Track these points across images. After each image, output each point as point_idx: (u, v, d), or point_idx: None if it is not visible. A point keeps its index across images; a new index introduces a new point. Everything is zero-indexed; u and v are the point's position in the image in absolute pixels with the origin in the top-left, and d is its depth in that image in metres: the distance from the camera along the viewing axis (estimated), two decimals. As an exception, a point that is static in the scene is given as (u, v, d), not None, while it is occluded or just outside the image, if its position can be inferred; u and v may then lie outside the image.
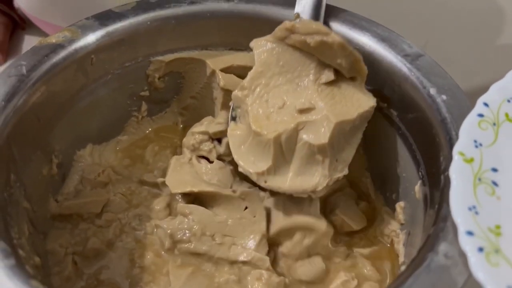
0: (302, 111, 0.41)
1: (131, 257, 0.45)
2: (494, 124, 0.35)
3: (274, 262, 0.45)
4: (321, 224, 0.44)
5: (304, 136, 0.40)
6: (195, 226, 0.45)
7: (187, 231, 0.45)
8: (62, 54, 0.44)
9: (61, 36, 0.44)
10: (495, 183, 0.34)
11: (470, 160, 0.34)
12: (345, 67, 0.41)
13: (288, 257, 0.45)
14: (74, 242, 0.45)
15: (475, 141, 0.35)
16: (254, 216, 0.46)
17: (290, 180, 0.41)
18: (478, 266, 0.29)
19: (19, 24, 0.70)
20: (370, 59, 0.43)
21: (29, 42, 0.69)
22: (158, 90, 0.52)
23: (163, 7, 0.48)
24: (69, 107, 0.46)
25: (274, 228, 0.45)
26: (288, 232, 0.45)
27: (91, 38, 0.45)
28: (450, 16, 0.73)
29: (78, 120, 0.47)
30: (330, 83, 0.41)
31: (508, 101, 0.37)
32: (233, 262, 0.44)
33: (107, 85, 0.48)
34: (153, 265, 0.45)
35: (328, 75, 0.41)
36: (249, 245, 0.45)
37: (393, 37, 0.44)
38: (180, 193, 0.47)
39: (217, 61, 0.50)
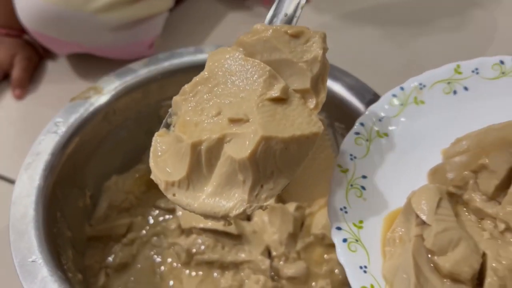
0: (233, 121, 0.37)
1: (152, 268, 0.56)
2: (367, 140, 0.45)
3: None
4: None
5: (228, 149, 0.36)
6: (208, 240, 0.55)
7: (202, 245, 0.55)
8: (90, 109, 0.54)
9: (87, 93, 0.54)
10: (363, 187, 0.43)
11: (345, 171, 0.43)
12: (305, 87, 0.39)
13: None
14: (106, 258, 0.56)
15: (351, 155, 0.44)
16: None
17: (203, 199, 0.37)
18: (341, 253, 0.39)
19: (44, 56, 0.79)
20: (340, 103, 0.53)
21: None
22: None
23: (170, 60, 0.58)
24: (97, 149, 0.56)
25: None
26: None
27: (112, 92, 0.55)
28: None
29: (105, 158, 0.58)
30: (276, 102, 0.38)
31: (380, 120, 0.46)
32: (239, 264, 0.55)
33: (127, 128, 0.58)
34: (171, 274, 0.56)
35: (274, 91, 0.38)
36: (254, 251, 0.55)
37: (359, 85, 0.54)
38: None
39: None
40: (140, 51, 0.75)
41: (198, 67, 0.57)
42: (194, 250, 0.55)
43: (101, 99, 0.55)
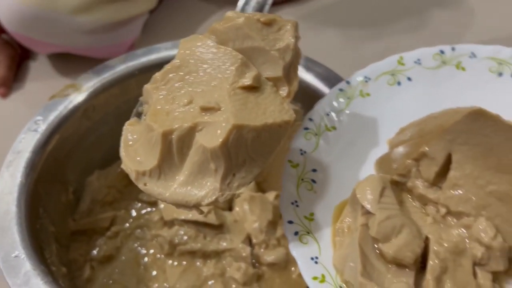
0: (205, 110, 0.37)
1: (136, 260, 0.58)
2: (316, 134, 0.46)
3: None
4: None
5: (200, 138, 0.36)
6: (190, 231, 0.57)
7: (184, 236, 0.57)
8: (70, 106, 0.55)
9: (66, 91, 0.56)
10: (313, 181, 0.44)
11: (295, 165, 0.44)
12: (277, 75, 0.39)
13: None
14: (90, 251, 0.58)
15: (301, 150, 0.46)
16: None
17: (175, 188, 0.37)
18: (293, 246, 0.39)
19: (26, 55, 0.79)
20: (313, 94, 0.55)
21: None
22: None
23: (147, 56, 0.59)
24: (78, 146, 0.57)
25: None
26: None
27: (90, 89, 0.57)
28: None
29: (86, 154, 0.59)
30: (248, 90, 0.38)
31: (327, 114, 0.47)
32: (220, 253, 0.57)
33: (107, 124, 0.60)
34: (154, 265, 0.58)
35: (246, 79, 0.38)
36: (235, 239, 0.57)
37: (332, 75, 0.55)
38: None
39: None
40: (120, 52, 0.75)
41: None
42: (176, 241, 0.57)
43: (79, 97, 0.56)
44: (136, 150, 0.38)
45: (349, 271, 0.38)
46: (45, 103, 0.55)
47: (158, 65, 0.58)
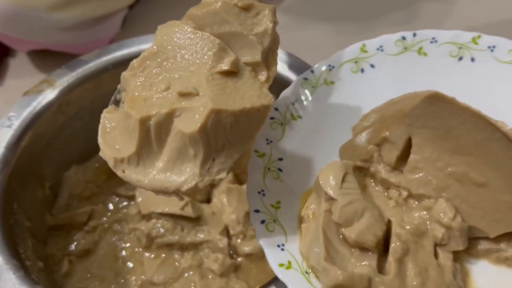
0: (183, 95, 0.37)
1: (114, 253, 0.58)
2: (282, 123, 0.47)
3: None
4: None
5: (178, 124, 0.36)
6: (167, 224, 0.57)
7: (161, 228, 0.58)
8: (43, 102, 0.55)
9: (40, 87, 0.56)
10: (280, 169, 0.44)
11: (262, 155, 0.44)
12: (255, 60, 0.39)
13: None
14: (68, 246, 0.58)
15: (267, 139, 0.46)
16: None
17: (154, 175, 0.36)
18: (259, 234, 0.40)
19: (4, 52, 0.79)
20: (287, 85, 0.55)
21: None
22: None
23: (121, 50, 0.59)
24: (54, 141, 0.58)
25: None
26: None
27: (64, 85, 0.57)
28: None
29: (62, 149, 0.59)
30: (226, 75, 0.38)
31: (292, 104, 0.48)
32: (198, 244, 0.57)
33: (82, 119, 0.60)
34: (132, 258, 0.58)
35: (224, 64, 0.38)
36: (212, 231, 0.57)
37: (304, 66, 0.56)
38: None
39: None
40: (100, 48, 0.76)
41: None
42: (154, 234, 0.57)
43: (53, 92, 0.56)
44: (114, 137, 0.38)
45: (314, 257, 0.38)
46: (19, 99, 0.55)
47: (131, 59, 0.58)
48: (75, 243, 0.58)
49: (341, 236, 0.38)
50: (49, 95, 0.56)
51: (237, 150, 0.37)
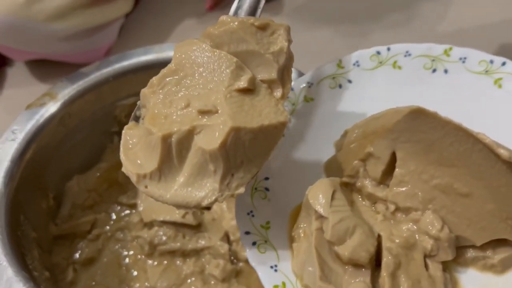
0: (202, 113, 0.38)
1: (118, 261, 0.60)
2: None
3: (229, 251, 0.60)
4: None
5: (198, 141, 0.37)
6: (169, 231, 0.59)
7: (163, 236, 0.59)
8: (46, 115, 0.56)
9: (42, 100, 0.57)
10: (267, 189, 0.44)
11: None
12: (272, 78, 0.40)
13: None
14: (72, 254, 0.59)
15: None
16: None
17: (175, 190, 0.38)
18: (251, 256, 0.40)
19: (2, 62, 0.80)
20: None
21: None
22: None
23: (120, 62, 0.61)
24: (56, 153, 0.59)
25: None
26: None
27: (65, 97, 0.58)
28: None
29: (64, 160, 0.60)
30: (243, 92, 0.39)
31: None
32: (199, 251, 0.59)
33: (83, 130, 0.61)
34: (136, 266, 0.59)
35: (242, 82, 0.39)
36: (213, 237, 0.59)
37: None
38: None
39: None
40: (97, 56, 0.76)
41: (148, 67, 0.61)
42: (156, 241, 0.59)
43: (55, 105, 0.57)
44: (135, 153, 0.39)
45: (308, 276, 0.39)
46: (22, 112, 0.56)
47: (131, 71, 0.61)
48: (79, 251, 0.60)
49: (334, 254, 0.38)
50: (51, 108, 0.57)
51: (255, 165, 0.38)
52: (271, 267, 0.40)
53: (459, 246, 0.40)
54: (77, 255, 0.59)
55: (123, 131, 0.40)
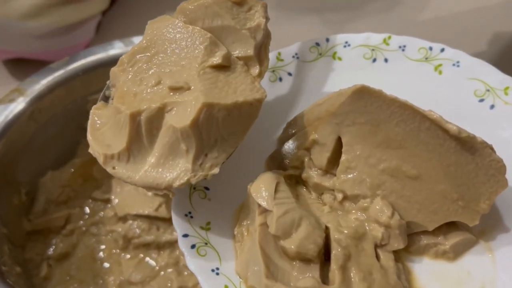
0: (174, 89, 0.36)
1: (92, 255, 0.60)
2: None
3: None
4: None
5: (169, 119, 0.36)
6: (143, 224, 0.59)
7: (137, 229, 0.59)
8: (15, 111, 0.56)
9: (11, 96, 0.57)
10: (206, 188, 0.41)
11: None
12: (248, 54, 0.39)
13: None
14: (46, 250, 0.59)
15: None
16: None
17: (145, 171, 0.36)
18: (190, 260, 0.36)
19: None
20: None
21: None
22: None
23: (89, 57, 0.61)
24: (28, 148, 0.59)
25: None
26: None
27: (35, 93, 0.58)
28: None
29: (37, 156, 0.60)
30: (218, 69, 0.38)
31: None
32: (174, 243, 0.59)
33: (56, 124, 0.61)
34: (110, 259, 0.59)
35: (215, 58, 0.38)
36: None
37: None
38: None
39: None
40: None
41: (117, 60, 0.61)
42: (130, 235, 0.59)
43: (25, 100, 0.57)
44: (103, 133, 0.38)
45: (253, 276, 0.36)
46: (-10, 109, 0.56)
47: (101, 65, 0.60)
48: (53, 247, 0.59)
49: (280, 250, 0.36)
50: (21, 103, 0.57)
51: (230, 144, 0.37)
52: (213, 270, 0.37)
53: (411, 234, 0.39)
54: (51, 250, 0.59)
55: (91, 111, 0.39)
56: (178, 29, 0.38)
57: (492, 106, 0.44)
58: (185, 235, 0.37)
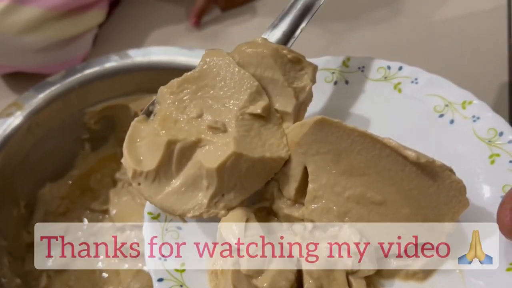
0: (211, 129, 0.38)
1: (91, 265, 0.60)
2: None
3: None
4: None
5: (200, 154, 0.38)
6: (141, 234, 0.59)
7: (135, 239, 0.60)
8: (13, 125, 0.57)
9: (9, 110, 0.58)
10: (179, 228, 0.41)
11: (157, 216, 0.41)
12: (287, 111, 0.40)
13: None
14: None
15: None
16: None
17: (165, 194, 0.38)
18: None
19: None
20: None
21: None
22: (96, 131, 0.66)
23: (86, 70, 0.62)
24: (26, 161, 0.60)
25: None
26: None
27: (32, 107, 0.59)
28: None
29: (35, 168, 0.61)
30: (255, 117, 0.39)
31: None
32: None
33: (53, 137, 0.62)
34: (109, 269, 0.60)
35: (256, 108, 0.39)
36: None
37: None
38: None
39: (138, 104, 0.64)
40: None
41: (113, 73, 0.62)
42: (128, 245, 0.60)
43: (22, 114, 0.58)
44: (138, 148, 0.39)
45: None
46: (-13, 124, 0.57)
47: (97, 78, 0.62)
48: (53, 258, 0.60)
49: None
50: (18, 117, 0.58)
51: (246, 191, 0.38)
52: None
53: (381, 258, 0.38)
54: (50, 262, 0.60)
55: (132, 123, 0.40)
56: (230, 68, 0.40)
57: (451, 121, 0.44)
58: (160, 280, 0.38)
